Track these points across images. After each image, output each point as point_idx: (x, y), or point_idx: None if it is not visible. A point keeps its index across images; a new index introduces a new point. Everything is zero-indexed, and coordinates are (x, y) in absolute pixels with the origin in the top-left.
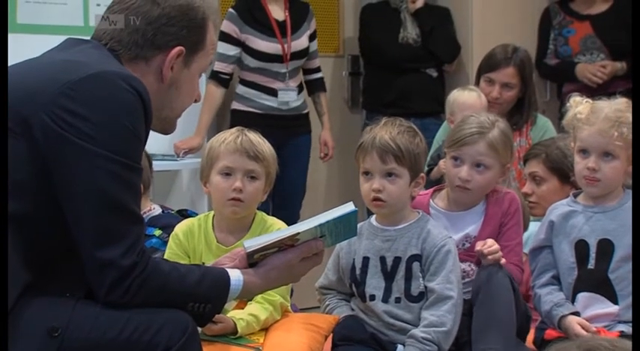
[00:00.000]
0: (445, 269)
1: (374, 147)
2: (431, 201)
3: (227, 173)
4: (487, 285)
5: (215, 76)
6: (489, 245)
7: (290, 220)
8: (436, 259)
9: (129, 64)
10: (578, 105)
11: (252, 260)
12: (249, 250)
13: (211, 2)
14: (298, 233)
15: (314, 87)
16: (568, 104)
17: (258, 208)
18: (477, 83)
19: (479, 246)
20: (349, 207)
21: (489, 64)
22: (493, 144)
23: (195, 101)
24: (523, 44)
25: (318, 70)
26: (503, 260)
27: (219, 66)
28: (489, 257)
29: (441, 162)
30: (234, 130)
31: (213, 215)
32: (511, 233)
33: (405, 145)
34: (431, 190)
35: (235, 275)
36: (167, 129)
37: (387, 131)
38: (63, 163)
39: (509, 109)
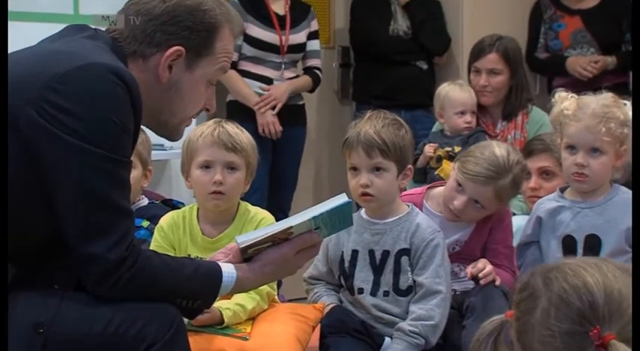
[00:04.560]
0: (434, 263)
1: (359, 142)
2: (424, 202)
3: (206, 166)
4: (483, 307)
5: None
6: (480, 268)
7: (281, 209)
8: (425, 253)
9: (130, 58)
10: (564, 100)
11: (246, 255)
12: (242, 246)
13: (230, 10)
14: (292, 226)
15: (306, 74)
16: (553, 99)
17: (250, 199)
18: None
19: (471, 268)
20: (343, 198)
21: (474, 53)
22: (500, 192)
23: (207, 110)
24: (517, 35)
25: (317, 68)
26: (497, 281)
27: None
28: (482, 281)
29: (426, 147)
30: (211, 122)
31: (198, 207)
32: (501, 237)
33: (390, 139)
34: (424, 188)
35: (228, 270)
36: (171, 135)
37: (371, 125)
38: (50, 157)
39: (501, 97)
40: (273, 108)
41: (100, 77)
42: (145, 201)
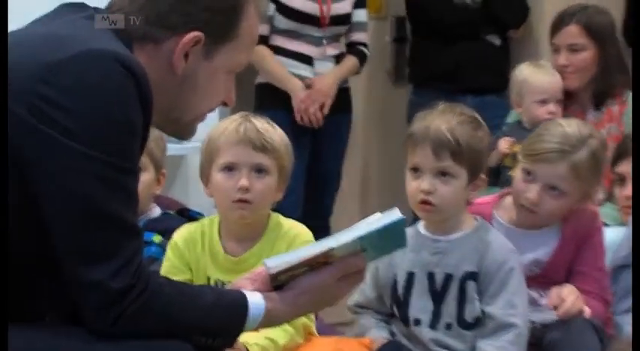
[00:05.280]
0: (507, 291)
1: (427, 138)
2: (494, 212)
3: (230, 169)
4: (568, 345)
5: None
6: (564, 298)
7: (320, 215)
8: (497, 278)
9: (136, 43)
10: None
11: (277, 282)
12: (272, 271)
13: None
14: (333, 248)
15: (351, 53)
16: None
17: (283, 203)
18: None
19: (553, 300)
20: (395, 214)
21: (552, 28)
22: (577, 169)
23: (225, 104)
24: (610, 7)
25: (364, 44)
26: (587, 312)
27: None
28: (562, 314)
29: (501, 141)
30: (236, 116)
31: (220, 220)
32: (590, 257)
33: (465, 139)
34: (494, 196)
35: (255, 301)
36: (182, 134)
37: (444, 120)
38: (41, 163)
39: (587, 80)
40: (321, 107)
41: (101, 66)
42: (156, 211)
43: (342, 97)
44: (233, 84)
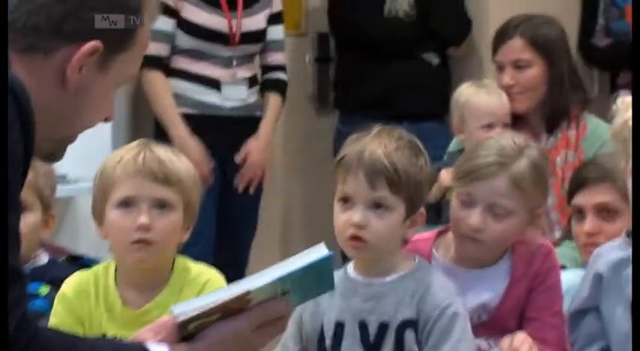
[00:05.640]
0: (451, 340)
1: (361, 165)
2: (434, 251)
3: (127, 205)
4: None
5: (152, 61)
6: (517, 348)
7: (237, 263)
8: (438, 325)
9: (18, 56)
10: (630, 108)
11: (185, 333)
12: (180, 319)
13: None
14: (249, 292)
15: (270, 86)
16: (615, 107)
17: (192, 249)
18: None
19: (506, 346)
20: (321, 251)
21: (494, 42)
22: (518, 181)
23: (106, 120)
24: (561, 19)
25: (281, 68)
26: None
27: (155, 48)
28: None
29: (443, 172)
30: (134, 144)
31: (116, 265)
32: (545, 300)
33: (404, 167)
34: (433, 233)
35: None
36: (57, 156)
37: (380, 144)
38: None
39: (537, 101)
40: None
41: None
42: (44, 258)
43: (257, 126)
44: (114, 98)
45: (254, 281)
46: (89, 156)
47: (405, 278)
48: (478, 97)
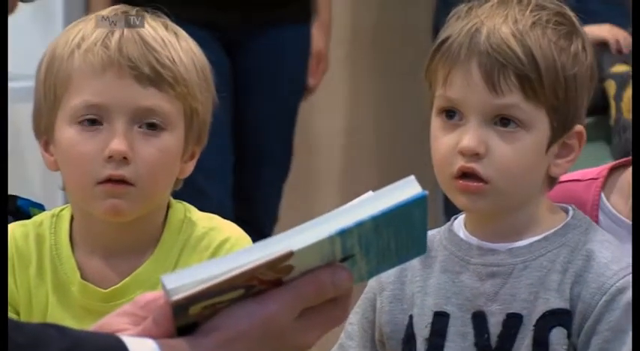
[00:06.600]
0: (627, 340)
1: (473, 53)
2: (603, 198)
3: (93, 121)
4: None
5: None
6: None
7: (258, 222)
8: (605, 317)
9: None
10: None
11: (183, 320)
12: (175, 298)
13: None
14: (291, 254)
15: None
16: None
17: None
18: None
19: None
20: (411, 188)
21: None
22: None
23: None
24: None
25: None
26: None
27: None
28: None
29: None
30: (105, 12)
31: (73, 215)
32: None
33: (547, 55)
34: (602, 169)
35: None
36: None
37: (508, 17)
38: None
39: None
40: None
41: None
42: None
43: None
44: None
45: (297, 237)
46: (32, 40)
47: (550, 243)
48: None
